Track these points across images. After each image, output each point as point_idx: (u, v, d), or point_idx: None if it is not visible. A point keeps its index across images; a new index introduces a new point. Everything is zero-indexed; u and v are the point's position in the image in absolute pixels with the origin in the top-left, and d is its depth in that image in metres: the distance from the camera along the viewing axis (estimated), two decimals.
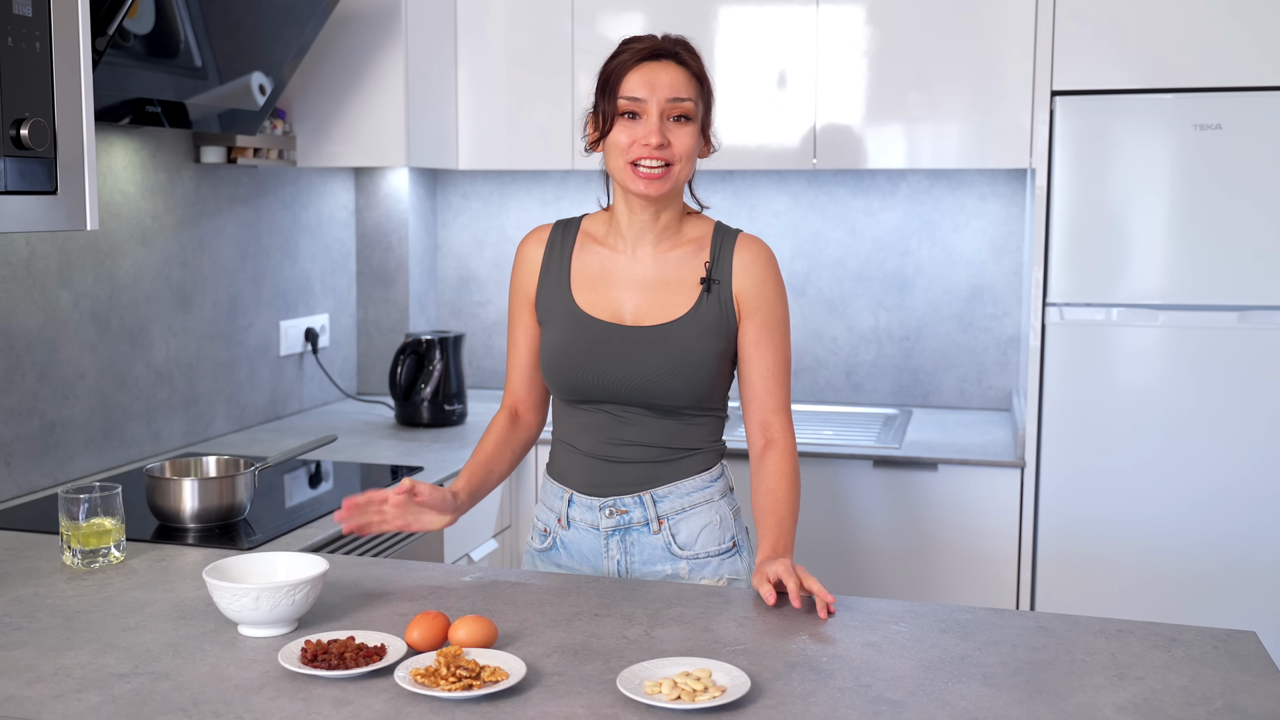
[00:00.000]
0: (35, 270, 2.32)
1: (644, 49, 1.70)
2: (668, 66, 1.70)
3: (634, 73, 1.69)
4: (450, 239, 3.60)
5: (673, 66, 1.70)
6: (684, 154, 1.70)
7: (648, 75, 1.68)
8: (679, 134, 1.69)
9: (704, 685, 1.28)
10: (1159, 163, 2.63)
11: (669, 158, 1.69)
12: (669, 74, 1.69)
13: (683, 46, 1.73)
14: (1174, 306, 2.64)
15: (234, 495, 2.07)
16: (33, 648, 1.45)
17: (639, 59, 1.70)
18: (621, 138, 1.70)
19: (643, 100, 1.68)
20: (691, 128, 1.70)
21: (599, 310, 1.76)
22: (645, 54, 1.70)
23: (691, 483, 1.77)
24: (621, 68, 1.70)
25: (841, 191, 3.32)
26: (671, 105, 1.68)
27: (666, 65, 1.70)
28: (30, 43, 1.60)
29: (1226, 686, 1.35)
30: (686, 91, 1.69)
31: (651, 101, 1.68)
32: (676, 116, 1.69)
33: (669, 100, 1.68)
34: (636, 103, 1.68)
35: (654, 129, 1.67)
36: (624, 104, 1.69)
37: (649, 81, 1.68)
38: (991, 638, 1.48)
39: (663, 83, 1.68)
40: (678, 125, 1.69)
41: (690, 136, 1.70)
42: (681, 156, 1.70)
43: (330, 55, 2.96)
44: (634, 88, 1.68)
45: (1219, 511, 2.65)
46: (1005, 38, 2.81)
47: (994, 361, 3.26)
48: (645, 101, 1.68)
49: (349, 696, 1.29)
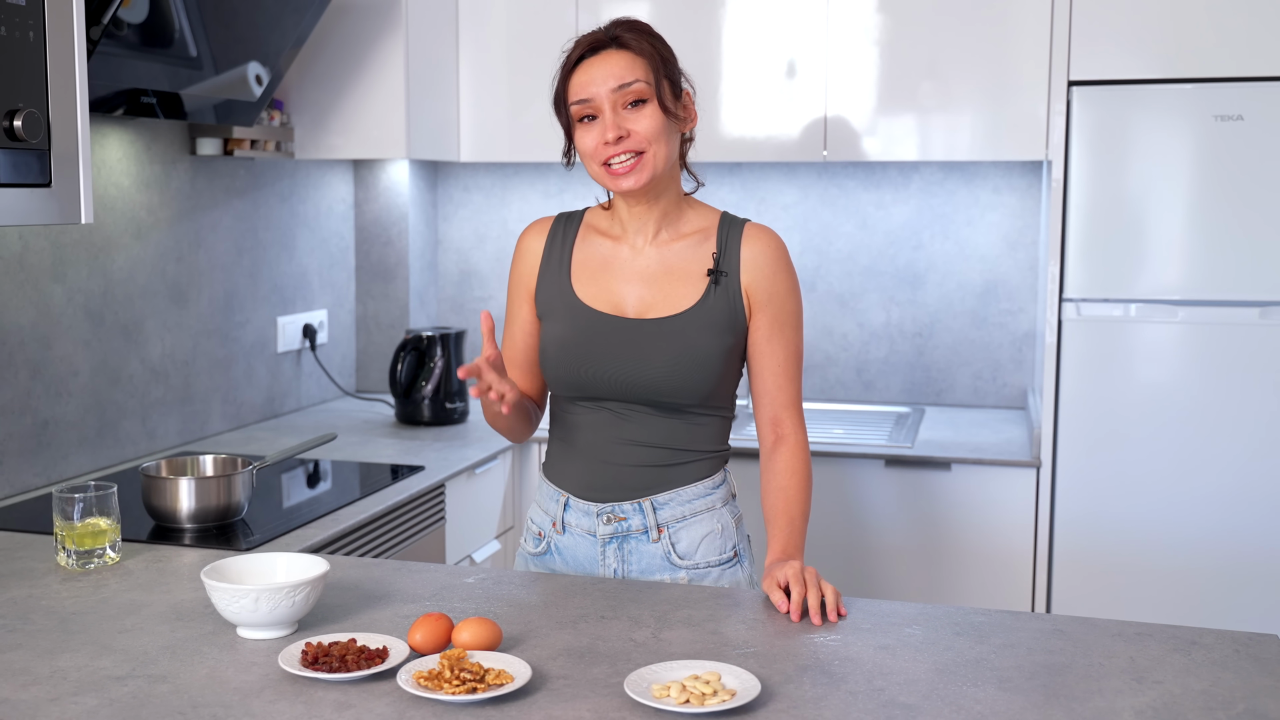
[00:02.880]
0: (28, 264, 2.29)
1: (581, 45, 1.67)
2: (607, 57, 1.65)
3: (574, 76, 1.66)
4: (451, 233, 3.56)
5: (613, 54, 1.65)
6: (650, 136, 1.64)
7: (586, 74, 1.65)
8: (637, 119, 1.64)
9: (713, 689, 1.28)
10: (1179, 154, 2.60)
11: (635, 146, 1.64)
12: (608, 64, 1.64)
13: (624, 27, 1.67)
14: (1194, 302, 2.61)
15: (231, 495, 2.05)
16: (27, 650, 1.44)
17: (575, 62, 1.66)
18: (586, 142, 1.66)
19: (589, 100, 1.64)
20: (650, 109, 1.65)
21: (600, 303, 1.72)
22: (583, 50, 1.66)
23: (693, 489, 1.73)
24: (563, 77, 1.67)
25: (852, 184, 3.27)
26: (619, 94, 1.64)
27: (605, 56, 1.65)
28: (24, 32, 1.59)
29: (1248, 691, 1.33)
30: (632, 74, 1.64)
31: (599, 97, 1.64)
32: (631, 103, 1.64)
33: (614, 90, 1.63)
34: (585, 105, 1.65)
35: (609, 124, 1.63)
36: (575, 109, 1.66)
37: (589, 79, 1.64)
38: (1007, 640, 1.47)
39: (601, 76, 1.64)
40: (634, 111, 1.64)
41: (650, 118, 1.64)
42: (648, 140, 1.64)
43: (329, 45, 2.93)
44: (578, 90, 1.65)
45: (1239, 511, 2.62)
46: (1021, 26, 2.76)
47: (1009, 358, 3.22)
48: (593, 100, 1.64)
49: (350, 700, 1.29)
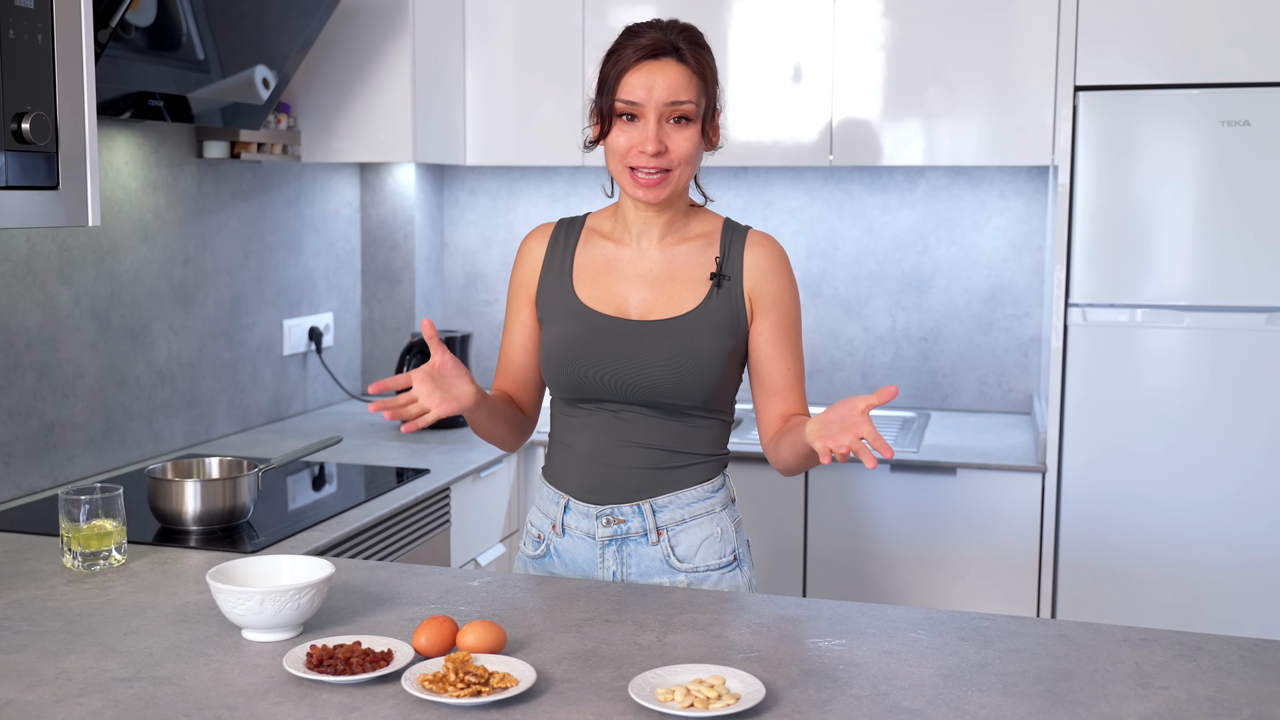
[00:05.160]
0: (35, 267, 2.29)
1: (645, 46, 1.65)
2: (667, 66, 1.64)
3: (632, 73, 1.64)
4: (457, 236, 3.56)
5: (673, 65, 1.64)
6: (683, 158, 1.65)
7: (646, 77, 1.64)
8: (677, 138, 1.64)
9: (718, 693, 1.27)
10: (1185, 160, 2.59)
11: (667, 164, 1.64)
12: (668, 74, 1.64)
13: (686, 39, 1.67)
14: (1200, 308, 2.60)
15: (237, 497, 2.05)
16: (33, 651, 1.44)
17: (638, 58, 1.65)
18: (619, 141, 1.66)
19: (639, 104, 1.64)
20: (691, 130, 1.65)
21: (602, 304, 1.72)
22: (645, 53, 1.65)
23: (693, 493, 1.73)
24: (620, 67, 1.65)
25: (858, 188, 3.27)
26: (670, 109, 1.64)
27: (666, 64, 1.64)
28: (32, 35, 1.59)
29: (1254, 697, 1.33)
30: (686, 93, 1.64)
31: (649, 105, 1.63)
32: (676, 119, 1.65)
33: (667, 104, 1.63)
34: (634, 106, 1.64)
35: (650, 135, 1.63)
36: (621, 106, 1.65)
37: (647, 84, 1.63)
38: (1012, 646, 1.47)
39: (660, 85, 1.63)
40: (676, 128, 1.65)
41: (689, 140, 1.65)
42: (680, 161, 1.65)
43: (336, 48, 2.93)
44: (631, 90, 1.64)
45: (1245, 517, 2.61)
46: (1027, 31, 2.76)
47: (1014, 363, 3.21)
48: (642, 105, 1.64)
49: (355, 702, 1.28)
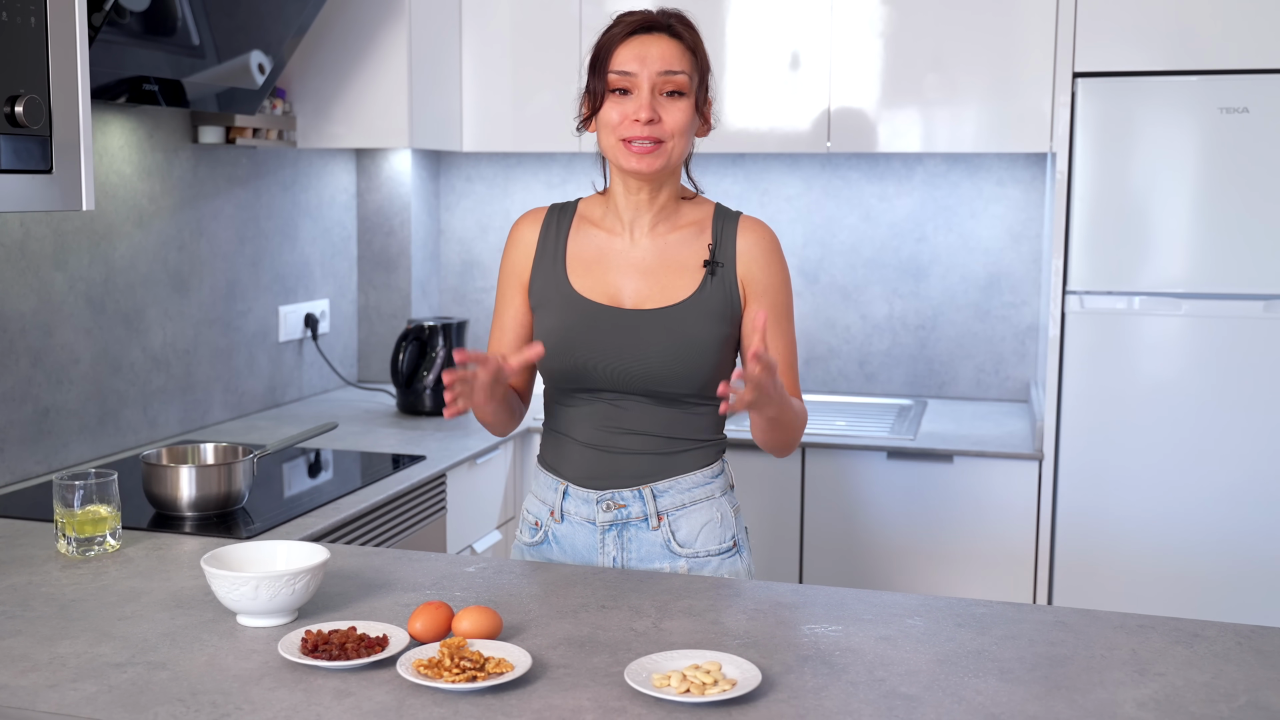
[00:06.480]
0: (29, 252, 2.28)
1: (635, 21, 1.66)
2: (659, 39, 1.65)
3: (624, 46, 1.65)
4: (453, 223, 3.55)
5: (665, 39, 1.65)
6: (676, 129, 1.65)
7: (638, 48, 1.64)
8: (671, 109, 1.64)
9: (714, 678, 1.27)
10: (1184, 147, 2.59)
11: (660, 134, 1.64)
12: (660, 46, 1.65)
13: (677, 18, 1.68)
14: (1198, 295, 2.60)
15: (232, 483, 2.05)
16: (27, 636, 1.44)
17: (630, 32, 1.65)
18: (612, 114, 1.66)
19: (633, 74, 1.64)
20: (685, 103, 1.65)
21: (596, 294, 1.71)
22: (636, 26, 1.66)
23: (692, 478, 1.73)
24: (611, 42, 1.66)
25: (855, 176, 3.26)
26: (663, 79, 1.64)
27: (658, 38, 1.65)
28: (25, 18, 1.59)
29: (1250, 683, 1.33)
30: (679, 64, 1.65)
31: (642, 75, 1.63)
32: (669, 91, 1.64)
33: (660, 73, 1.64)
34: (626, 77, 1.64)
35: (644, 104, 1.63)
36: (614, 79, 1.65)
37: (639, 55, 1.64)
38: (1008, 632, 1.47)
39: (653, 55, 1.64)
40: (670, 100, 1.65)
41: (683, 112, 1.65)
42: (674, 132, 1.65)
43: (332, 33, 2.92)
44: (624, 61, 1.64)
45: (1242, 505, 2.61)
46: (1026, 17, 2.75)
47: (1012, 351, 3.21)
48: (635, 75, 1.64)
49: (350, 688, 1.28)
